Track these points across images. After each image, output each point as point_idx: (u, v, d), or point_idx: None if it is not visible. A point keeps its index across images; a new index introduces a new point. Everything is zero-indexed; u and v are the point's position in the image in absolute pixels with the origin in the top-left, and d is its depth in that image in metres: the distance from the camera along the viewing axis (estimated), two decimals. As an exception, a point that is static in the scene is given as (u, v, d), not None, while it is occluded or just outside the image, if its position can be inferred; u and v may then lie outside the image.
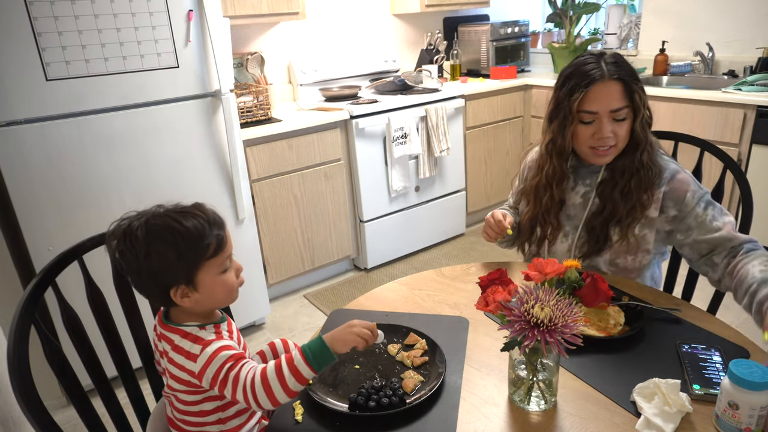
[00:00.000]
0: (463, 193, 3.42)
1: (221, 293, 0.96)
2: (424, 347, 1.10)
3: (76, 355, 1.10)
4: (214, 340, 0.92)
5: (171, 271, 0.91)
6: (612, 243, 1.35)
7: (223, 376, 0.88)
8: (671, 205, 1.30)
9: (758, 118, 2.50)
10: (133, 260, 0.91)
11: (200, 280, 0.93)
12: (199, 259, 0.92)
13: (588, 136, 1.30)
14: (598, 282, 1.03)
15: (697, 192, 1.29)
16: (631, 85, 1.25)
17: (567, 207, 1.42)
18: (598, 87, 1.25)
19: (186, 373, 0.92)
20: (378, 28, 3.55)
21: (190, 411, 0.97)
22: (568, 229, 1.42)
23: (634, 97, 1.26)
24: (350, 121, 2.78)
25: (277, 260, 2.74)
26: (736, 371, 0.82)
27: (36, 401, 0.93)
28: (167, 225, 0.91)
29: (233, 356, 0.90)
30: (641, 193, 1.30)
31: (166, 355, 0.95)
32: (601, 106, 1.25)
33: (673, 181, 1.30)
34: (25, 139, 1.83)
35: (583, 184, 1.40)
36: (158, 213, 0.94)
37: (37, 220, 1.91)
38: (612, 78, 1.24)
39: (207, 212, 0.96)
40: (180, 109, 2.11)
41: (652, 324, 1.14)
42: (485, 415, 0.93)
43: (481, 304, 0.93)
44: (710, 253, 1.28)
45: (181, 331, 0.95)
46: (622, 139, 1.29)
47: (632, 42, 3.57)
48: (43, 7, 1.76)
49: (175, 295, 0.93)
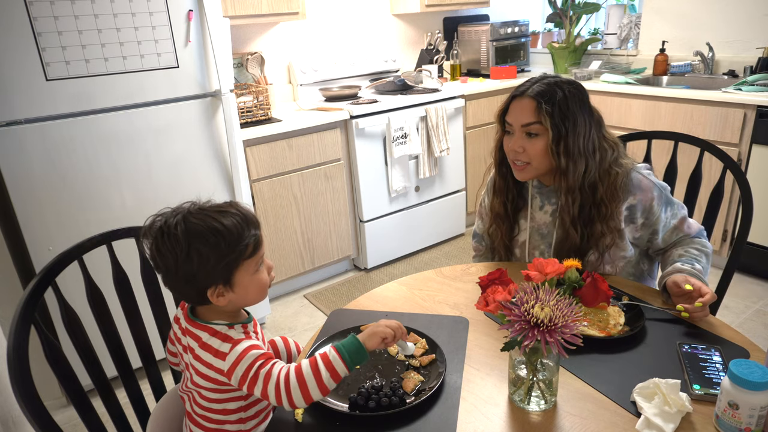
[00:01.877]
0: (463, 193, 3.42)
1: (255, 292, 0.97)
2: (424, 346, 1.10)
3: (76, 355, 1.10)
4: (243, 339, 0.93)
5: (210, 271, 0.90)
6: (590, 263, 1.37)
7: (254, 373, 0.89)
8: (639, 215, 1.35)
9: (758, 118, 2.50)
10: (172, 261, 0.90)
11: (237, 279, 0.93)
12: (238, 259, 0.92)
13: (507, 148, 1.39)
14: (598, 282, 1.03)
15: (658, 197, 1.34)
16: (543, 105, 1.29)
17: (539, 226, 1.44)
18: (516, 102, 1.35)
19: (213, 371, 0.92)
20: (378, 28, 3.55)
21: (212, 408, 0.98)
22: (543, 248, 1.44)
23: (545, 116, 1.28)
24: (350, 121, 2.78)
25: (277, 260, 2.74)
26: (736, 371, 0.82)
27: (36, 401, 0.93)
28: (208, 225, 0.90)
29: (263, 355, 0.91)
30: (600, 226, 1.32)
31: (192, 352, 0.95)
32: (514, 119, 1.35)
33: (637, 193, 1.33)
34: (25, 139, 1.83)
35: (549, 204, 1.43)
36: (195, 211, 0.92)
37: (37, 220, 1.91)
38: (528, 95, 1.32)
39: (244, 211, 0.96)
40: (180, 109, 2.11)
41: (652, 324, 1.14)
42: (485, 415, 0.93)
43: (481, 304, 0.93)
44: (666, 247, 1.40)
45: (209, 329, 0.94)
46: (534, 157, 1.32)
47: (632, 42, 3.57)
48: (43, 7, 1.76)
49: (212, 296, 0.93)
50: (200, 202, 0.95)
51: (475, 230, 1.66)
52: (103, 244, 1.20)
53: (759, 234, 2.62)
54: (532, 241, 1.45)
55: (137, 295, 1.24)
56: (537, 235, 1.45)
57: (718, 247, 2.75)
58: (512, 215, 1.47)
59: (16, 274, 2.03)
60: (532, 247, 1.45)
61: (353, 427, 0.93)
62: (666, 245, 1.40)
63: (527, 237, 1.45)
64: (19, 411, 1.43)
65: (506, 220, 1.47)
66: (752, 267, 2.72)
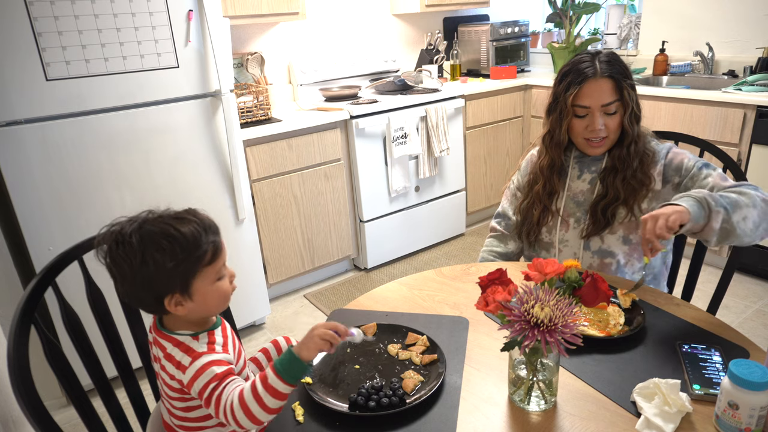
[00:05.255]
0: (463, 193, 3.42)
1: (215, 301, 0.94)
2: (425, 344, 1.10)
3: (76, 355, 1.10)
4: (205, 353, 0.90)
5: (166, 278, 0.88)
6: (619, 221, 1.42)
7: (208, 394, 0.87)
8: (673, 173, 1.39)
9: (758, 118, 2.50)
10: (127, 268, 0.88)
11: (195, 288, 0.91)
12: (195, 266, 0.90)
13: (582, 129, 1.43)
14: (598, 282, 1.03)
15: (692, 159, 1.38)
16: (621, 82, 1.38)
17: (575, 194, 1.49)
18: (591, 84, 1.37)
19: (176, 382, 0.91)
20: (378, 28, 3.55)
21: (186, 417, 0.96)
22: (579, 215, 1.48)
23: (624, 93, 1.38)
24: (350, 121, 2.78)
25: (277, 260, 2.74)
26: (736, 371, 0.82)
27: (36, 401, 0.93)
28: (163, 231, 0.88)
29: (218, 375, 0.88)
30: (641, 177, 1.40)
31: (159, 362, 0.94)
32: (592, 101, 1.38)
33: (669, 153, 1.41)
34: (25, 139, 1.83)
35: (588, 172, 1.49)
36: (151, 218, 0.91)
37: (37, 220, 1.91)
38: (603, 75, 1.37)
39: (202, 218, 0.93)
40: (180, 109, 2.11)
41: (652, 324, 1.14)
42: (485, 414, 0.93)
43: (481, 304, 0.93)
44: None
45: (173, 339, 0.93)
46: (613, 131, 1.41)
47: (632, 42, 3.57)
48: (43, 7, 1.76)
49: (169, 304, 0.90)
50: (158, 210, 0.93)
51: (498, 211, 1.68)
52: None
53: (759, 234, 2.62)
54: (566, 209, 1.50)
55: (137, 295, 1.23)
56: (572, 203, 1.50)
57: (718, 247, 2.76)
58: (549, 194, 1.52)
59: (16, 274, 2.03)
60: (567, 214, 1.50)
61: (353, 427, 0.93)
62: None
63: (563, 204, 1.50)
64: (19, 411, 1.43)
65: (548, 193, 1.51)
66: (752, 267, 2.72)
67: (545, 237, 1.54)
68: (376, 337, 1.15)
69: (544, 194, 1.51)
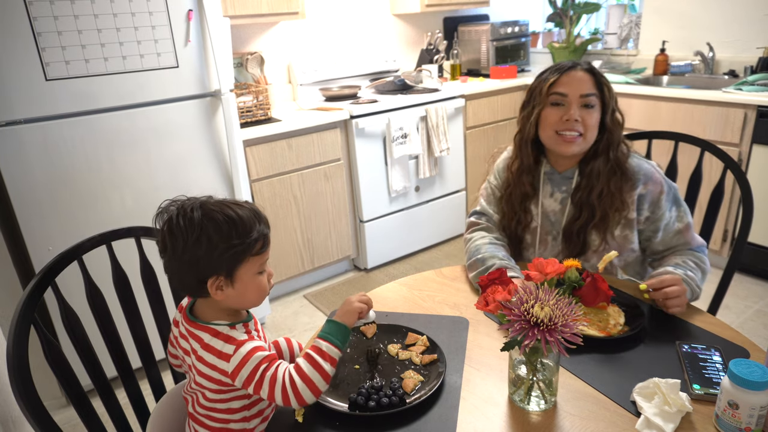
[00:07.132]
0: (463, 193, 3.42)
1: (253, 293, 0.96)
2: (425, 343, 1.10)
3: (76, 355, 1.10)
4: (247, 341, 0.92)
5: (216, 260, 0.90)
6: (593, 249, 1.37)
7: (259, 377, 0.90)
8: (646, 207, 1.34)
9: (759, 118, 2.50)
10: (181, 243, 0.90)
11: (239, 275, 0.93)
12: (245, 253, 0.92)
13: (556, 119, 1.32)
14: (598, 282, 1.03)
15: (667, 193, 1.35)
16: (601, 78, 1.34)
17: (548, 213, 1.43)
18: (570, 73, 1.33)
19: (217, 372, 0.92)
20: (378, 28, 3.55)
21: (216, 408, 0.97)
22: (555, 233, 1.43)
23: (603, 89, 1.33)
24: (350, 121, 2.78)
25: (277, 260, 2.74)
26: (736, 371, 0.82)
27: (36, 401, 0.93)
28: (224, 212, 0.91)
29: (267, 357, 0.91)
30: (617, 200, 1.34)
31: (195, 354, 0.95)
32: (571, 89, 1.31)
33: (648, 183, 1.34)
34: (25, 139, 1.83)
35: (559, 191, 1.41)
36: (212, 201, 0.94)
37: (37, 220, 1.91)
38: (584, 69, 1.34)
39: (257, 209, 0.97)
40: (180, 109, 2.11)
41: (652, 324, 1.14)
42: (485, 414, 0.93)
43: (481, 304, 0.93)
44: (664, 251, 1.38)
45: (211, 329, 0.94)
46: (590, 128, 1.32)
47: (632, 42, 3.57)
48: (42, 7, 1.76)
49: (212, 286, 0.92)
50: (217, 197, 0.97)
51: (477, 209, 1.56)
52: (102, 244, 1.20)
53: (759, 234, 2.62)
54: (543, 227, 1.44)
55: (137, 295, 1.23)
56: (547, 221, 1.44)
57: (719, 247, 2.75)
58: (521, 203, 1.44)
59: (16, 274, 2.03)
60: (544, 232, 1.44)
61: (353, 427, 0.93)
62: (665, 248, 1.36)
63: (539, 222, 1.43)
64: (19, 411, 1.43)
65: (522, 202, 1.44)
66: (752, 267, 2.72)
67: (528, 251, 1.48)
68: (376, 338, 1.15)
69: (516, 202, 1.44)
